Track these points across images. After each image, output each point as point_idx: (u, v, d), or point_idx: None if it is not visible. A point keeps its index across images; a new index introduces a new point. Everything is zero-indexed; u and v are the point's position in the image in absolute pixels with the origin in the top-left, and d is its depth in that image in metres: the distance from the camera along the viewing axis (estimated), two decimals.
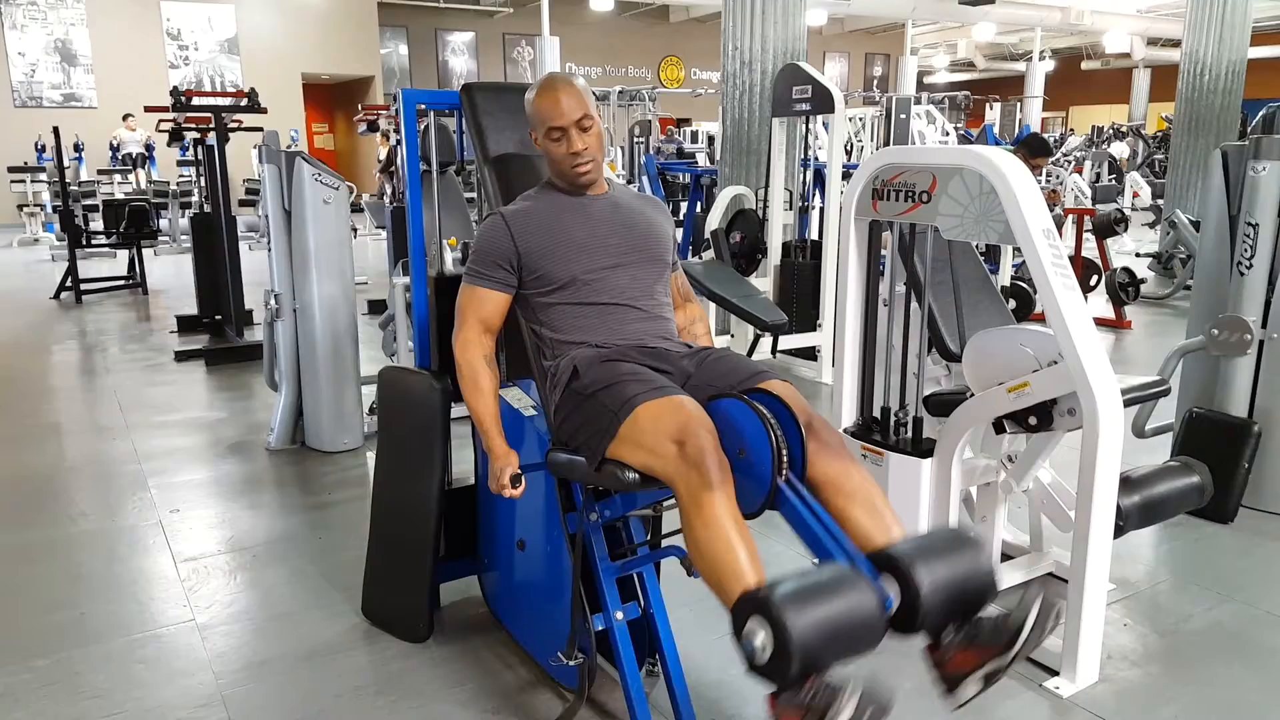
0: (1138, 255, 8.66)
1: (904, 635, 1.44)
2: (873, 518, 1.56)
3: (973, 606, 1.48)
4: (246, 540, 3.00)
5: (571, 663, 1.92)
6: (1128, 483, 2.25)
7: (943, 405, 2.45)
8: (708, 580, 1.52)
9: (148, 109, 6.98)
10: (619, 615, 1.91)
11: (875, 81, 23.76)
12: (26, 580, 2.75)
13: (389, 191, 10.18)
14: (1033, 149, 5.25)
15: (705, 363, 1.85)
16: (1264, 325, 3.06)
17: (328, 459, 3.75)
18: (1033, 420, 2.20)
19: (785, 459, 1.57)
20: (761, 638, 1.32)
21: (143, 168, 13.11)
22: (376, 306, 6.63)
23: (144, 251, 8.04)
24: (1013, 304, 5.42)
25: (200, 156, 6.78)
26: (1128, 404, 2.33)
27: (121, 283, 7.97)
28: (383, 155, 12.79)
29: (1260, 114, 6.05)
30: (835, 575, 1.41)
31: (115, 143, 13.86)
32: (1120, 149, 17.10)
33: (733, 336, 5.27)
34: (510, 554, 2.27)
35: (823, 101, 4.90)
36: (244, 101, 5.85)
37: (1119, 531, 2.18)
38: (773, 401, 1.65)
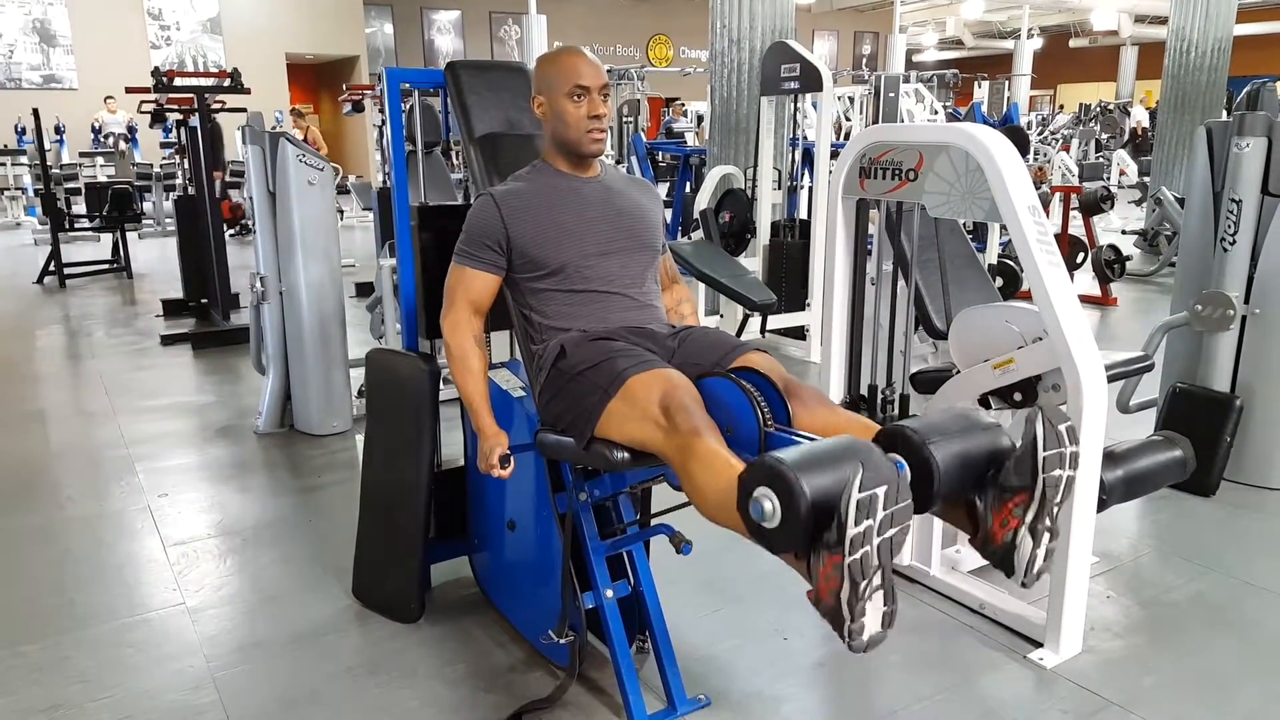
0: (1124, 232, 8.69)
1: (924, 508, 1.38)
2: (869, 433, 1.50)
3: (986, 464, 1.41)
4: (236, 524, 3.00)
5: (562, 641, 1.93)
6: (1111, 457, 2.27)
7: (929, 382, 2.47)
8: (721, 518, 1.42)
9: (129, 90, 6.89)
10: (609, 593, 1.93)
11: (864, 60, 23.67)
12: (14, 566, 2.74)
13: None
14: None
15: (687, 341, 1.85)
16: (1246, 301, 3.09)
17: (316, 442, 3.74)
18: (1018, 396, 2.22)
19: (769, 414, 1.59)
20: (769, 503, 1.26)
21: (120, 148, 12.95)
22: (364, 289, 6.60)
23: (128, 235, 7.96)
24: (1000, 281, 5.44)
25: (184, 139, 6.70)
26: (1112, 380, 2.35)
27: (105, 266, 7.89)
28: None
29: (1245, 91, 6.06)
30: (839, 440, 1.35)
31: (97, 124, 13.68)
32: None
33: (722, 316, 5.27)
34: (500, 534, 2.28)
35: (811, 80, 4.88)
36: (227, 82, 5.78)
37: (1102, 505, 2.20)
38: (755, 376, 1.66)
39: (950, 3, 19.57)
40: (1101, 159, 14.10)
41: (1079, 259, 6.59)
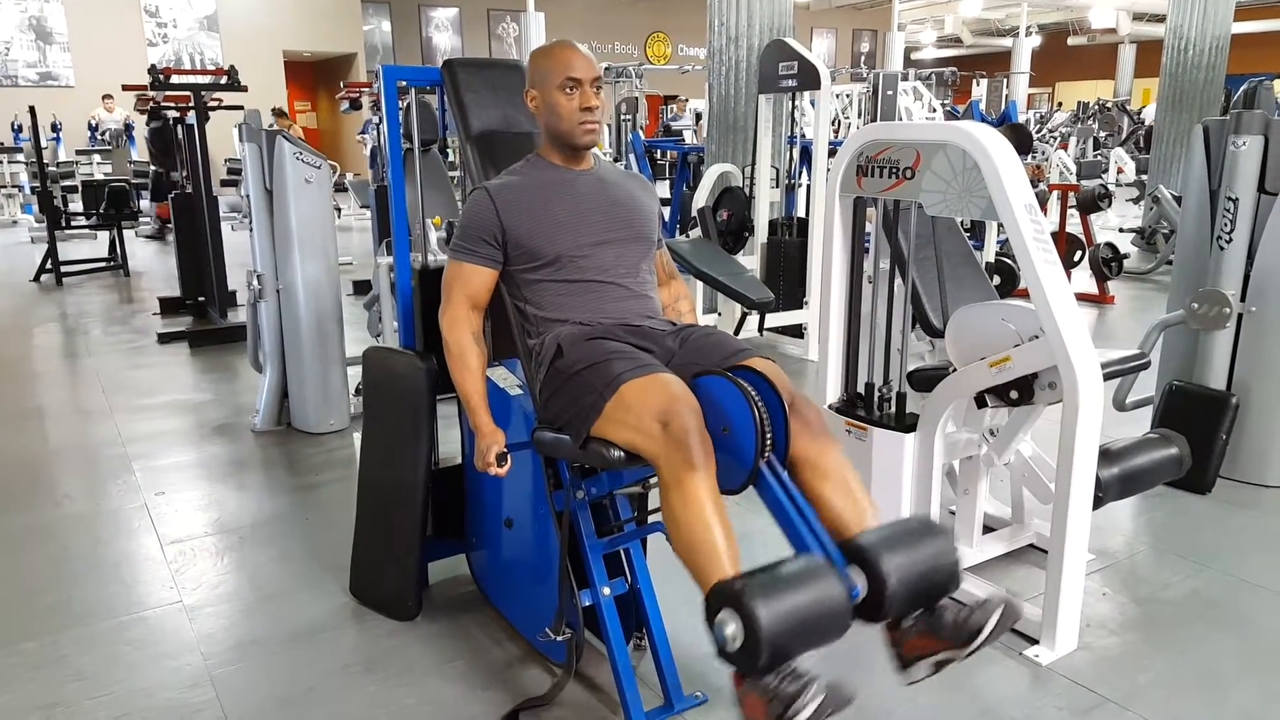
0: (1121, 230, 8.71)
1: (870, 622, 1.52)
2: (847, 501, 1.62)
3: (936, 596, 1.55)
4: (233, 522, 3.00)
5: (559, 638, 1.93)
6: (1107, 455, 2.28)
7: (926, 380, 2.47)
8: (681, 556, 1.55)
9: (126, 88, 6.88)
10: (606, 591, 1.93)
11: (862, 57, 23.67)
12: (11, 565, 2.74)
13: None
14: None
15: (689, 341, 1.85)
16: (1243, 299, 3.09)
17: (314, 440, 3.74)
18: (1014, 394, 2.22)
19: (769, 439, 1.59)
20: (732, 628, 1.37)
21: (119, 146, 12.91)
22: (361, 287, 6.60)
23: (125, 233, 7.95)
24: (998, 280, 5.45)
25: (180, 136, 6.68)
26: (1108, 378, 2.35)
27: (102, 264, 7.88)
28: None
29: (1242, 89, 6.07)
30: (805, 567, 1.47)
31: (94, 122, 13.65)
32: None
33: (720, 315, 5.27)
34: (498, 532, 2.29)
35: (809, 78, 4.88)
36: (224, 80, 5.77)
37: (1098, 503, 2.21)
38: (756, 379, 1.66)
39: (948, 0, 19.56)
40: (1099, 157, 14.11)
41: (1076, 257, 6.60)
